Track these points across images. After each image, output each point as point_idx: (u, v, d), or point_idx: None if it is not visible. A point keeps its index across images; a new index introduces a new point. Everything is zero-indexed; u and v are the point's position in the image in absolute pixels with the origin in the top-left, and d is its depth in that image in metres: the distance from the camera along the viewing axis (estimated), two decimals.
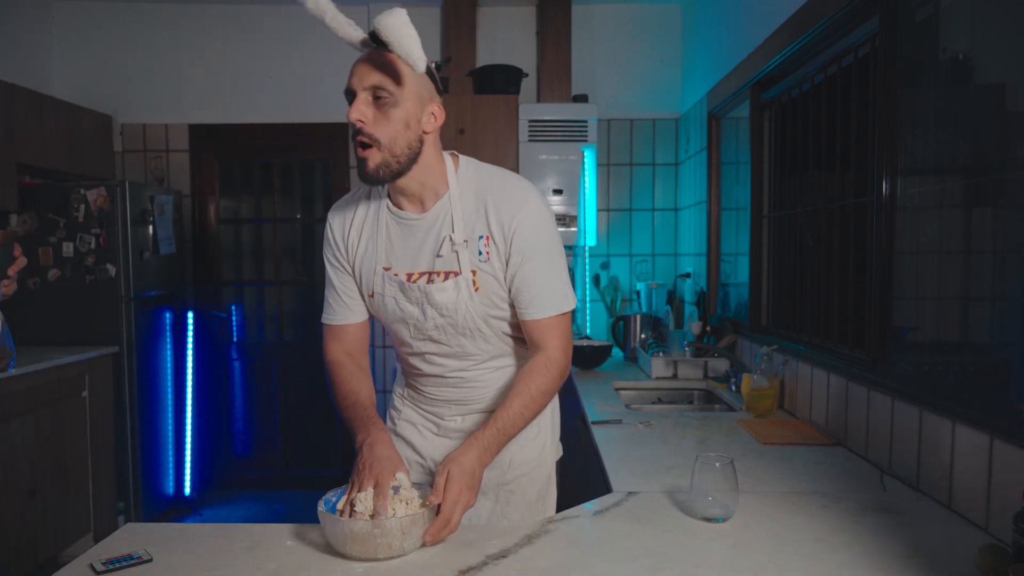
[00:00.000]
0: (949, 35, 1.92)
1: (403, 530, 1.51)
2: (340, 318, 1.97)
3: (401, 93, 1.69)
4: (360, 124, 1.67)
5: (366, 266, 1.90)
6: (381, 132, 1.68)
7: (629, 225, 5.23)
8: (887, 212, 2.18)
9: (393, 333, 1.99)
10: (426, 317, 1.86)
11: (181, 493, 5.02)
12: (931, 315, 2.02)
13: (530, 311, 1.84)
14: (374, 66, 1.68)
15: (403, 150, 1.71)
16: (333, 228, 1.94)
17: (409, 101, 1.70)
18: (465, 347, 1.91)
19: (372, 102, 1.68)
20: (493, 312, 1.87)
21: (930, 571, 1.49)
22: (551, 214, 1.88)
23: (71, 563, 1.53)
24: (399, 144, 1.70)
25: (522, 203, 1.81)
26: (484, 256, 1.81)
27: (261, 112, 5.20)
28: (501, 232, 1.80)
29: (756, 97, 3.48)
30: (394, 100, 1.68)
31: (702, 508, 1.76)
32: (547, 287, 1.84)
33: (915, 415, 2.03)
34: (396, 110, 1.69)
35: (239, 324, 5.55)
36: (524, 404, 1.79)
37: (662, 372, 3.76)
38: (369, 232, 1.89)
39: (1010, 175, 1.67)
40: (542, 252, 1.83)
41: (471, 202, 1.83)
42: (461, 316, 1.84)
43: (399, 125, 1.69)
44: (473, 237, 1.81)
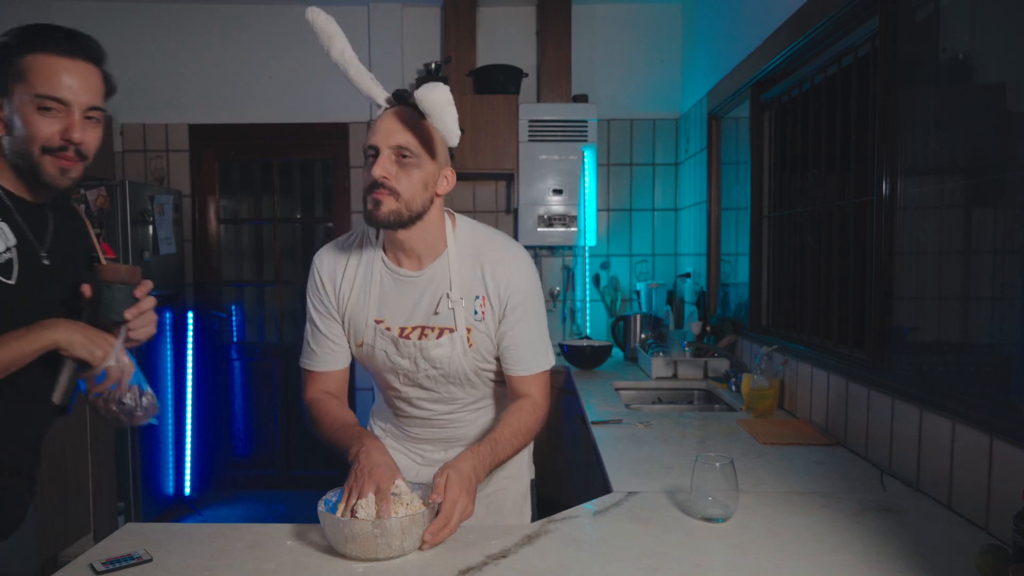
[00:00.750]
0: (949, 35, 1.92)
1: (403, 530, 1.51)
2: (323, 364, 1.98)
3: (426, 156, 1.74)
4: (384, 180, 1.71)
5: (356, 317, 1.92)
6: (402, 187, 1.72)
7: (629, 225, 5.23)
8: (887, 212, 2.19)
9: (379, 378, 2.01)
10: (418, 369, 1.91)
11: (181, 493, 5.02)
12: (931, 315, 2.02)
13: (520, 368, 1.93)
14: (404, 126, 1.72)
15: (416, 207, 1.76)
16: (322, 273, 1.94)
17: (431, 164, 1.76)
18: (453, 393, 1.97)
19: (396, 160, 1.72)
20: (483, 365, 1.95)
21: (930, 571, 1.49)
22: (538, 276, 1.99)
23: (71, 563, 1.53)
24: (416, 201, 1.75)
25: (517, 268, 1.91)
26: (479, 316, 1.89)
27: (261, 112, 5.19)
28: (497, 294, 1.88)
29: (756, 97, 3.48)
30: (417, 161, 1.73)
31: (702, 508, 1.76)
32: (535, 346, 1.94)
33: (915, 415, 2.03)
34: (418, 171, 1.74)
35: (239, 324, 5.55)
36: (513, 433, 1.85)
37: (662, 372, 3.76)
38: (361, 283, 1.91)
39: (1010, 175, 1.67)
40: (532, 314, 1.94)
41: (468, 262, 1.89)
42: (453, 368, 1.91)
43: (419, 185, 1.74)
44: (469, 296, 1.88)
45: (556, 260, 5.20)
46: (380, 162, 1.70)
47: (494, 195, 5.18)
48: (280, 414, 5.40)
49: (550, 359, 1.99)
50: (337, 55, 1.72)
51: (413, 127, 1.72)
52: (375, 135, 1.73)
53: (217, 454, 5.37)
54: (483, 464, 1.74)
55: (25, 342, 1.46)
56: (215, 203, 5.37)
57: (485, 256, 1.89)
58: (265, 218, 5.52)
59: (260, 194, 5.58)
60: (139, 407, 1.59)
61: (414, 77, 5.08)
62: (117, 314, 1.56)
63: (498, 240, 1.95)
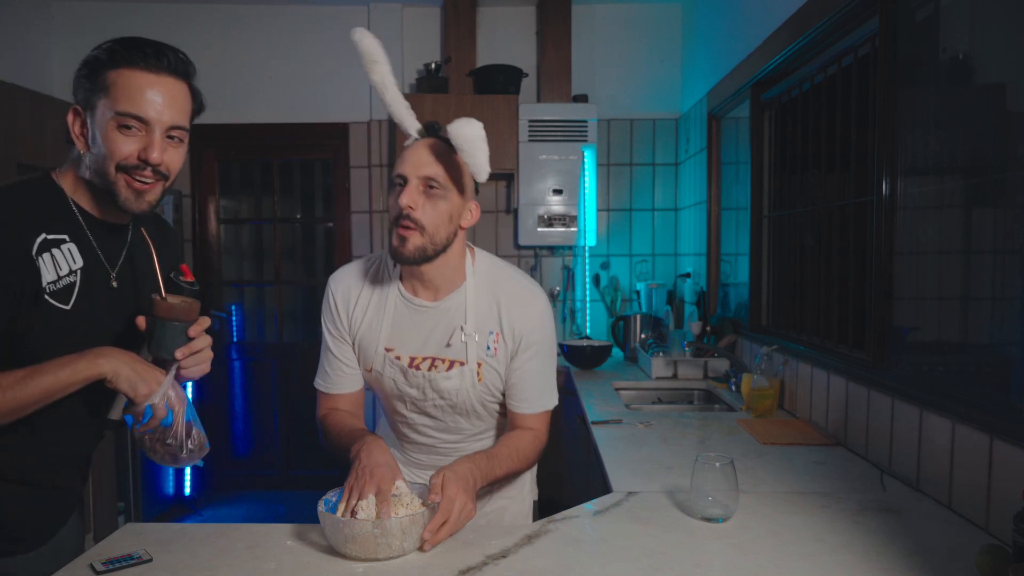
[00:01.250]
0: (949, 35, 1.92)
1: (403, 530, 1.51)
2: (338, 387, 1.99)
3: (453, 189, 1.76)
4: (409, 210, 1.72)
5: (367, 343, 1.93)
6: (427, 219, 1.74)
7: (629, 225, 5.23)
8: (887, 212, 2.19)
9: (386, 403, 2.04)
10: (426, 398, 1.93)
11: (181, 493, 5.02)
12: (931, 315, 2.03)
13: (524, 406, 1.95)
14: (434, 158, 1.75)
15: (441, 239, 1.78)
16: (336, 298, 1.95)
17: (458, 198, 1.79)
18: (459, 423, 1.99)
19: (423, 190, 1.74)
20: (490, 398, 1.97)
21: (930, 571, 1.49)
22: (552, 317, 2.00)
23: (71, 563, 1.53)
24: (440, 233, 1.77)
25: (533, 308, 1.92)
26: (492, 352, 1.90)
27: (261, 112, 5.19)
28: (512, 332, 1.90)
29: (756, 97, 3.48)
30: (444, 193, 1.76)
31: (702, 508, 1.76)
32: (542, 386, 1.97)
33: (915, 415, 2.03)
34: (444, 203, 1.76)
35: (239, 324, 5.55)
36: (510, 455, 1.87)
37: (662, 372, 3.76)
38: (374, 310, 1.92)
39: (1010, 175, 1.67)
40: (543, 355, 1.95)
41: (484, 297, 1.90)
42: (461, 400, 1.92)
43: (444, 217, 1.77)
44: (483, 331, 1.89)
45: (556, 260, 5.20)
46: (408, 191, 1.73)
47: (494, 195, 5.18)
48: (280, 414, 5.40)
49: (554, 399, 2.01)
50: (378, 79, 1.73)
51: (443, 159, 1.75)
52: (404, 164, 1.75)
53: (217, 454, 5.36)
54: (479, 470, 1.74)
55: (71, 371, 1.43)
56: (215, 203, 5.37)
57: (502, 292, 1.91)
58: (265, 218, 5.52)
59: (260, 194, 5.58)
60: (184, 448, 1.55)
61: (414, 77, 5.08)
62: (168, 352, 1.53)
63: (517, 278, 1.96)
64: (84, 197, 1.57)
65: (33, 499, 1.62)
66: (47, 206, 1.53)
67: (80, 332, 1.52)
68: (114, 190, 1.50)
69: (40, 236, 1.47)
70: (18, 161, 4.19)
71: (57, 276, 1.49)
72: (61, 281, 1.50)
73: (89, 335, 1.52)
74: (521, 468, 1.92)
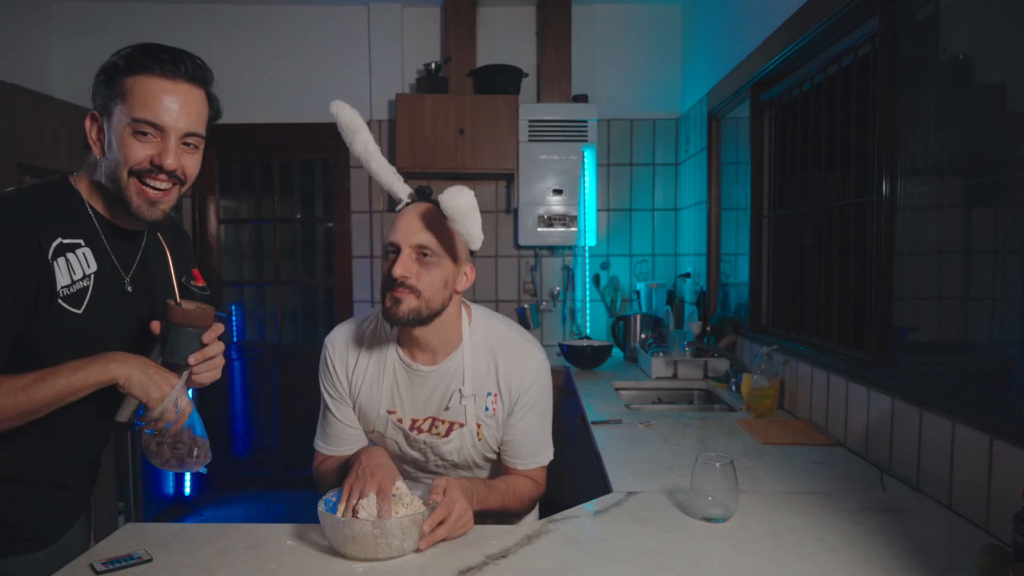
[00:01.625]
0: (949, 35, 1.92)
1: (403, 530, 1.51)
2: (338, 449, 1.98)
3: (446, 257, 1.77)
4: (404, 279, 1.73)
5: (369, 406, 1.93)
6: (423, 285, 1.75)
7: (629, 225, 5.23)
8: (887, 212, 2.19)
9: None
10: (428, 460, 1.95)
11: (181, 493, 5.02)
12: (931, 315, 2.02)
13: (520, 462, 1.96)
14: (426, 226, 1.74)
15: (436, 304, 1.78)
16: (335, 360, 1.95)
17: (452, 265, 1.79)
18: (461, 475, 1.98)
19: (416, 258, 1.75)
20: (490, 454, 1.98)
21: (930, 571, 1.49)
22: (549, 372, 2.01)
23: (71, 563, 1.53)
24: (436, 299, 1.78)
25: (530, 366, 1.93)
26: (491, 412, 1.91)
27: (261, 112, 5.18)
28: (509, 391, 1.91)
29: (756, 97, 3.48)
30: (438, 261, 1.76)
31: (702, 508, 1.77)
32: (538, 442, 1.99)
33: (915, 415, 2.03)
34: (438, 270, 1.76)
35: (239, 324, 5.55)
36: (507, 491, 1.89)
37: (662, 372, 3.76)
38: (374, 373, 1.92)
39: (1010, 175, 1.67)
40: (540, 412, 1.97)
41: (482, 358, 1.91)
42: (463, 459, 1.94)
43: (439, 283, 1.77)
44: (481, 392, 1.91)
45: (556, 260, 5.20)
46: (401, 261, 1.73)
47: (494, 195, 5.18)
48: (280, 414, 5.40)
49: (550, 454, 2.03)
50: (360, 148, 1.75)
51: (435, 228, 1.74)
52: (396, 233, 1.75)
53: (217, 454, 5.31)
54: (477, 492, 1.76)
55: (83, 375, 1.43)
56: (215, 203, 5.37)
57: (499, 352, 1.91)
58: (265, 218, 5.52)
59: (260, 194, 5.58)
60: (189, 454, 1.56)
61: (414, 77, 5.08)
62: (181, 358, 1.53)
63: (513, 336, 1.96)
64: (99, 202, 1.57)
65: (42, 500, 1.63)
66: (63, 210, 1.53)
67: (91, 336, 1.52)
68: (126, 196, 1.50)
69: (56, 240, 1.47)
70: (18, 161, 4.18)
71: (71, 280, 1.49)
72: (75, 285, 1.50)
73: (100, 339, 1.52)
74: (515, 507, 1.92)
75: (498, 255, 5.19)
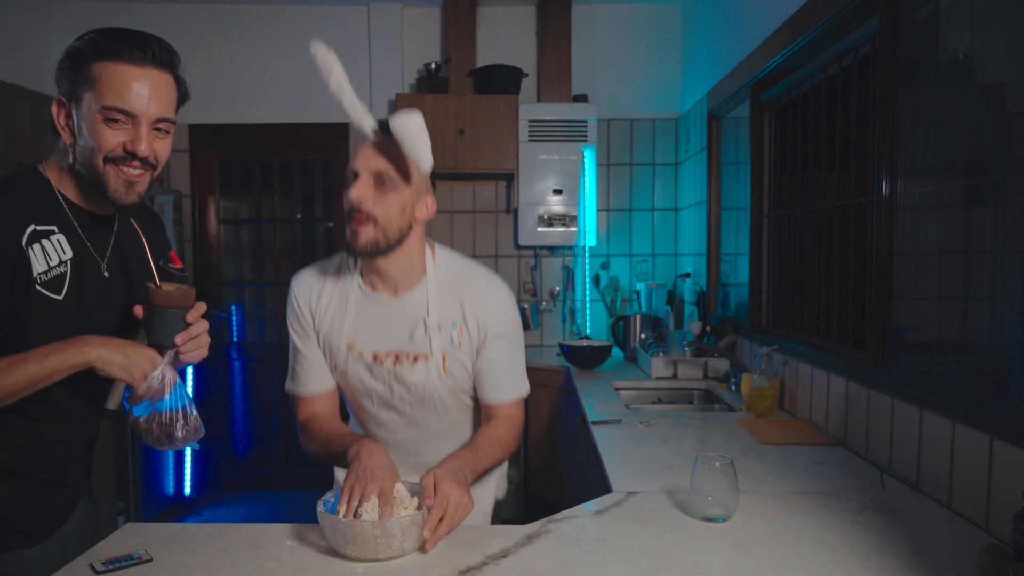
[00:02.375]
0: (949, 35, 1.92)
1: (403, 530, 1.51)
2: (310, 387, 1.99)
3: (401, 181, 1.79)
4: (360, 203, 1.76)
5: (331, 340, 1.94)
6: (379, 211, 1.77)
7: (629, 225, 5.23)
8: (887, 212, 2.19)
9: (353, 402, 2.05)
10: (392, 393, 1.94)
11: (181, 493, 5.01)
12: (931, 315, 2.03)
13: (497, 395, 1.97)
14: (381, 153, 1.78)
15: (394, 232, 1.80)
16: (298, 296, 1.97)
17: (408, 190, 1.80)
18: (427, 418, 1.99)
19: (373, 184, 1.77)
20: (456, 392, 1.98)
21: (930, 571, 1.49)
22: (517, 308, 2.04)
23: (71, 563, 1.53)
24: (393, 225, 1.79)
25: (496, 298, 1.96)
26: (456, 343, 1.92)
27: (261, 112, 5.19)
28: (476, 324, 1.92)
29: (756, 97, 3.48)
30: (394, 186, 1.78)
31: (702, 508, 1.77)
32: (512, 374, 1.99)
33: (915, 415, 2.03)
34: (395, 195, 1.79)
35: (239, 324, 5.55)
36: (492, 445, 1.88)
37: (662, 372, 3.76)
38: (336, 307, 1.94)
39: (1010, 175, 1.67)
40: (511, 344, 1.98)
41: (447, 290, 1.93)
42: (428, 394, 1.94)
43: (396, 209, 1.79)
44: (447, 324, 1.91)
45: (556, 260, 5.20)
46: (358, 184, 1.77)
47: (494, 195, 5.18)
48: (280, 414, 5.40)
49: (526, 386, 2.03)
50: (334, 86, 1.78)
51: (389, 154, 1.78)
52: (356, 160, 1.80)
53: (217, 454, 5.36)
54: (467, 465, 1.75)
55: (57, 359, 1.43)
56: (215, 203, 5.37)
57: (465, 286, 1.94)
58: (265, 218, 5.52)
59: (260, 194, 5.58)
60: (180, 429, 1.56)
61: (414, 77, 5.08)
62: (167, 339, 1.54)
63: (478, 271, 2.00)
64: (71, 188, 1.58)
65: (36, 494, 1.63)
66: (35, 198, 1.54)
67: (72, 322, 1.52)
68: (103, 182, 1.51)
69: (29, 227, 1.48)
70: (18, 160, 4.18)
71: (48, 267, 1.49)
72: (52, 271, 1.50)
73: (81, 325, 1.53)
74: (504, 456, 1.93)
75: (498, 255, 5.20)
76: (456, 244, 5.18)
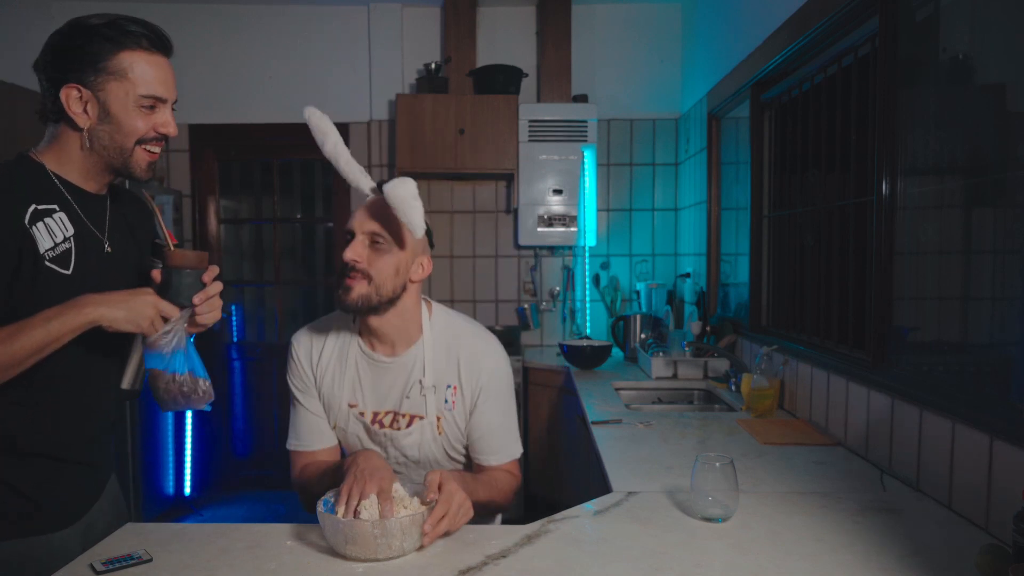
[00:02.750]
0: (949, 35, 1.92)
1: (403, 530, 1.51)
2: (312, 443, 2.00)
3: (395, 244, 1.82)
4: (354, 262, 1.79)
5: (332, 399, 1.97)
6: (374, 271, 1.80)
7: (629, 225, 5.23)
8: (887, 212, 2.19)
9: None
10: (389, 456, 1.96)
11: (181, 493, 5.01)
12: (931, 315, 2.03)
13: (492, 458, 1.98)
14: (377, 215, 1.82)
15: (387, 291, 1.83)
16: (299, 354, 1.99)
17: (402, 252, 1.83)
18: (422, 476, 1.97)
19: (369, 244, 1.81)
20: (451, 452, 2.00)
21: (930, 571, 1.50)
22: (510, 368, 2.05)
23: (71, 563, 1.53)
24: (386, 286, 1.82)
25: (490, 359, 1.97)
26: (450, 405, 1.94)
27: (261, 112, 5.19)
28: (470, 385, 1.94)
29: (756, 97, 3.49)
30: (388, 248, 1.82)
31: (702, 508, 1.77)
32: (506, 436, 2.00)
33: (915, 415, 2.03)
34: (389, 256, 1.82)
35: (239, 324, 5.55)
36: (488, 482, 1.90)
37: (662, 372, 3.76)
38: (337, 365, 1.96)
39: (1010, 175, 1.67)
40: (504, 403, 2.00)
41: (442, 351, 1.95)
42: (424, 455, 1.96)
43: (390, 269, 1.82)
44: (441, 384, 1.94)
45: (556, 260, 5.20)
46: (353, 245, 1.80)
47: (494, 195, 5.18)
48: (280, 414, 5.40)
49: (519, 447, 2.03)
50: (331, 149, 1.83)
51: (383, 217, 1.80)
52: (353, 220, 1.84)
53: (217, 454, 5.37)
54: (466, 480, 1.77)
55: (59, 323, 1.45)
56: (215, 203, 5.37)
57: (459, 346, 1.95)
58: (265, 218, 5.52)
59: (260, 194, 5.59)
60: (195, 391, 1.62)
61: (414, 77, 5.08)
62: (186, 299, 1.59)
63: (474, 331, 2.01)
64: (72, 170, 1.63)
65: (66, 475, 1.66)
66: (32, 180, 1.58)
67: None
68: (130, 162, 1.62)
69: (31, 206, 1.53)
70: None
71: (54, 243, 1.54)
72: (58, 248, 1.55)
73: None
74: (497, 500, 1.93)
75: (498, 255, 5.20)
76: (456, 244, 5.19)
